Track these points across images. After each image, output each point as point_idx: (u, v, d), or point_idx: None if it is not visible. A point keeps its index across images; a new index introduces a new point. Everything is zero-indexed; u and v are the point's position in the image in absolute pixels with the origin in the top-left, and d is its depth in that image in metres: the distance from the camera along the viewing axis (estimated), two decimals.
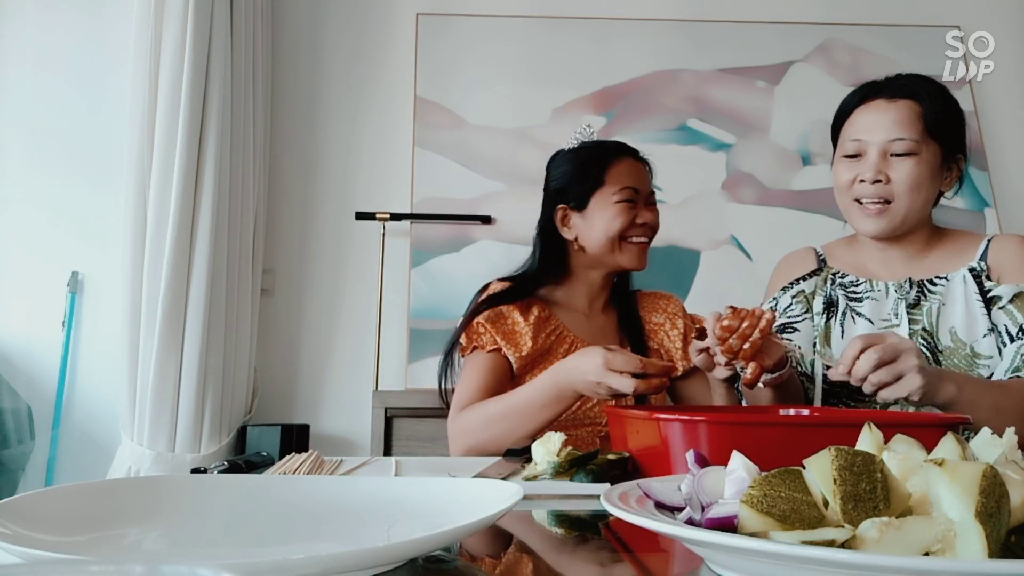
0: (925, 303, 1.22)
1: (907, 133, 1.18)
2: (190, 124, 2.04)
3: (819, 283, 1.33)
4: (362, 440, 2.33)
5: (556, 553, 0.61)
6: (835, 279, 1.32)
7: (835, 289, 1.31)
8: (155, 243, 2.01)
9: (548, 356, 1.37)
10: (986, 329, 1.16)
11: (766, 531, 0.42)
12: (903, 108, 1.20)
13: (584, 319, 1.45)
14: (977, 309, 1.18)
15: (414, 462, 1.07)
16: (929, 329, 1.19)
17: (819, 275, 1.34)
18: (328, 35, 2.57)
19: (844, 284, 1.30)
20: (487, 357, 1.35)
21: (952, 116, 1.22)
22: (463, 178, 2.47)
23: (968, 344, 1.16)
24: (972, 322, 1.17)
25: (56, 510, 0.53)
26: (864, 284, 1.28)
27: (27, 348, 2.28)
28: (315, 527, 0.58)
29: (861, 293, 1.28)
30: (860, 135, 1.22)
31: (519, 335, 1.36)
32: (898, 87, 1.22)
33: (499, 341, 1.35)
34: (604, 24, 2.59)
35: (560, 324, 1.42)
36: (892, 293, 1.25)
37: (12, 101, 2.37)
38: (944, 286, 1.22)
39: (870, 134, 1.21)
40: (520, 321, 1.38)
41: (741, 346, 1.02)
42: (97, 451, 2.18)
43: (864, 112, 1.23)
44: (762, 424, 0.87)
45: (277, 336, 2.42)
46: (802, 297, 1.33)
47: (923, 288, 1.23)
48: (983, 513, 0.38)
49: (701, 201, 2.51)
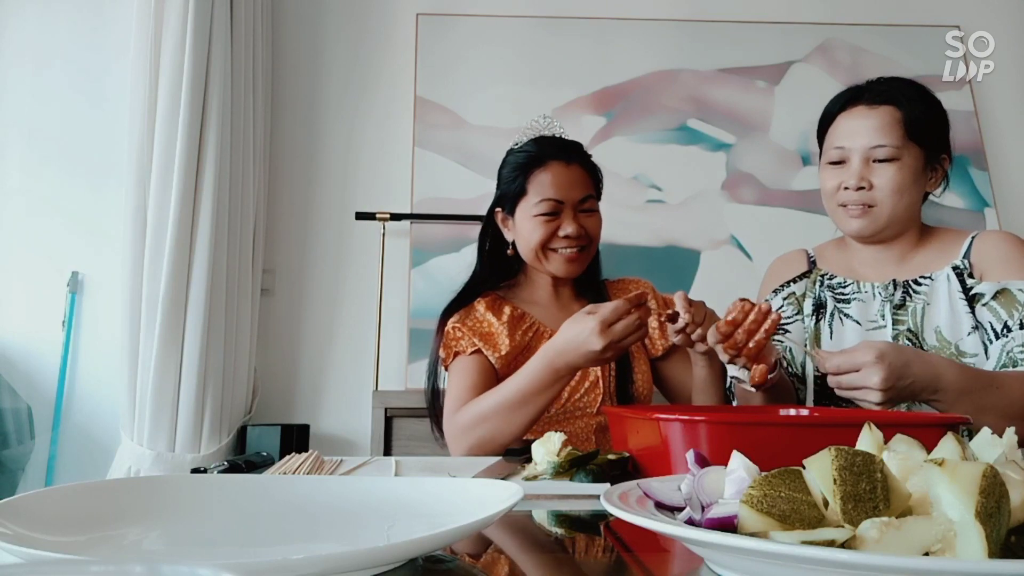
0: (910, 303, 1.22)
1: (887, 139, 1.20)
2: (190, 124, 2.04)
3: (808, 285, 1.34)
4: (362, 440, 2.33)
5: (556, 553, 0.61)
6: (824, 280, 1.33)
7: (824, 291, 1.32)
8: (155, 243, 2.01)
9: (527, 353, 1.34)
10: (970, 327, 1.17)
11: (766, 531, 0.42)
12: (883, 114, 1.22)
13: (556, 312, 1.43)
14: (961, 307, 1.18)
15: (414, 462, 1.07)
16: (914, 330, 1.20)
17: (809, 277, 1.35)
18: (328, 35, 2.57)
19: (832, 286, 1.31)
20: (469, 360, 1.34)
21: (933, 118, 1.24)
22: (463, 178, 2.46)
23: (953, 343, 1.17)
24: (956, 321, 1.18)
25: (56, 510, 0.53)
26: (852, 286, 1.29)
27: (27, 348, 2.28)
28: (315, 527, 0.58)
29: (849, 295, 1.29)
30: (842, 142, 1.24)
31: (495, 335, 1.36)
32: (878, 93, 1.24)
33: (477, 343, 1.34)
34: (604, 24, 2.59)
35: (535, 321, 1.40)
36: (878, 294, 1.25)
37: (12, 101, 2.37)
38: (928, 286, 1.23)
39: (852, 141, 1.23)
40: (494, 322, 1.37)
41: (747, 343, 1.02)
42: (97, 451, 2.18)
43: (846, 118, 1.25)
44: (762, 424, 0.87)
45: (277, 336, 2.42)
46: (793, 299, 1.34)
47: (908, 289, 1.24)
48: (983, 513, 0.38)
49: (701, 201, 2.51)
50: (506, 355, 1.34)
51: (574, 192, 1.36)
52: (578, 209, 1.37)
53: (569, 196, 1.35)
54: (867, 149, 1.21)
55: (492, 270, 1.45)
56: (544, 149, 1.38)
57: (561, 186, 1.35)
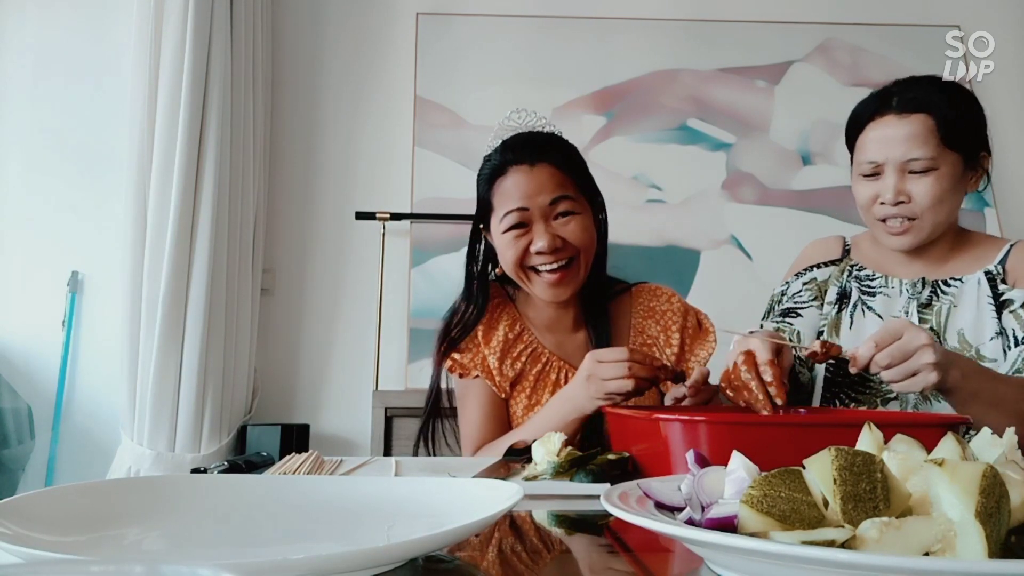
0: (936, 303, 1.21)
1: (922, 151, 1.14)
2: (190, 124, 2.04)
3: (836, 273, 1.32)
4: (362, 440, 2.33)
5: (556, 553, 0.61)
6: (852, 271, 1.31)
7: (850, 281, 1.30)
8: (155, 243, 2.01)
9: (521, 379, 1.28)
10: (994, 332, 1.16)
11: (766, 531, 0.42)
12: (915, 124, 1.15)
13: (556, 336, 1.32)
14: (987, 312, 1.17)
15: (414, 462, 1.07)
16: (936, 330, 1.19)
17: (838, 265, 1.33)
18: (328, 35, 2.57)
19: (860, 277, 1.30)
20: (474, 384, 1.29)
21: (969, 119, 1.18)
22: (463, 178, 2.46)
23: (974, 346, 1.16)
24: (981, 325, 1.16)
25: (56, 510, 0.53)
26: (879, 279, 1.27)
27: (27, 348, 2.28)
28: (315, 527, 0.58)
29: (875, 288, 1.27)
30: (875, 156, 1.18)
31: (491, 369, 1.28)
32: (908, 100, 1.17)
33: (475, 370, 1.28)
34: (604, 24, 2.59)
35: (533, 340, 1.30)
36: (905, 291, 1.24)
37: (12, 100, 2.37)
38: (958, 288, 1.21)
39: (884, 153, 1.17)
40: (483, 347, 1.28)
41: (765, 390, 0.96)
42: (97, 451, 2.18)
43: (876, 129, 1.19)
44: (762, 424, 0.87)
45: (277, 336, 2.42)
46: (813, 285, 1.32)
47: (936, 289, 1.22)
48: (983, 513, 0.38)
49: (701, 201, 2.51)
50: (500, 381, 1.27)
51: (540, 197, 1.19)
52: (550, 217, 1.20)
53: (535, 203, 1.19)
54: (901, 162, 1.16)
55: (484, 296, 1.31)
56: (504, 154, 1.24)
57: (524, 194, 1.19)
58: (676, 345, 1.31)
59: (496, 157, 1.25)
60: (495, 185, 1.23)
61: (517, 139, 1.26)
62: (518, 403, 1.29)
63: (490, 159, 1.27)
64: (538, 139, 1.26)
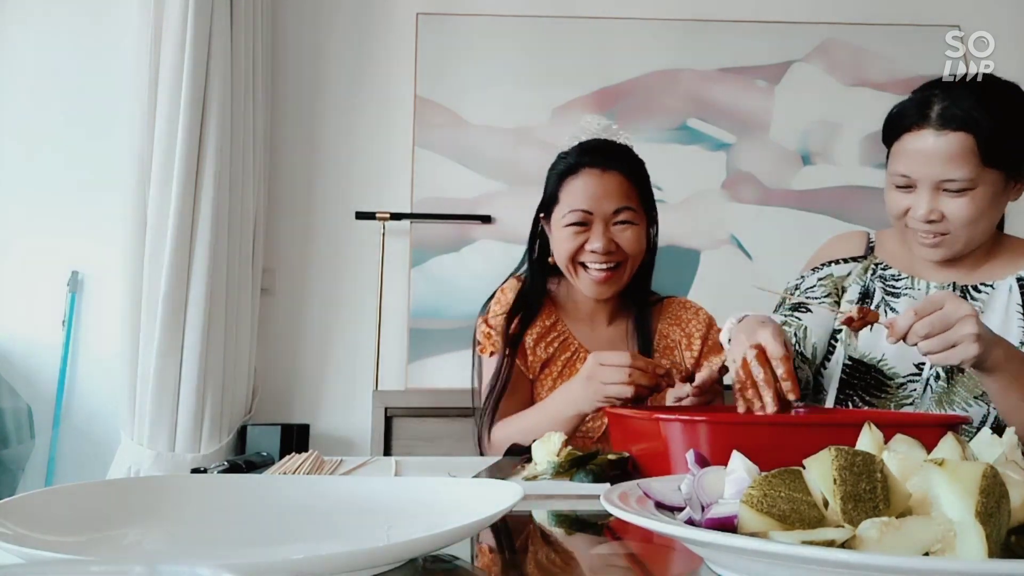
0: None
1: (959, 172, 1.06)
2: (190, 124, 2.04)
3: (859, 271, 1.27)
4: (362, 440, 2.32)
5: (556, 553, 0.61)
6: (876, 269, 1.26)
7: (874, 280, 1.25)
8: (155, 243, 2.01)
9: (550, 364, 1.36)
10: (1019, 341, 1.12)
11: (766, 531, 0.43)
12: (954, 143, 1.06)
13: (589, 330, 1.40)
14: (1015, 320, 1.14)
15: (414, 462, 1.07)
16: None
17: (861, 262, 1.28)
18: (328, 34, 2.56)
19: (884, 276, 1.25)
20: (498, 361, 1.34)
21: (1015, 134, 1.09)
22: (463, 178, 2.46)
23: None
24: (1006, 332, 1.11)
25: (56, 510, 0.53)
26: (905, 280, 1.23)
27: (27, 348, 2.28)
28: (315, 527, 0.58)
29: (900, 289, 1.23)
30: (909, 171, 1.10)
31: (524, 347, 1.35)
32: (949, 116, 1.08)
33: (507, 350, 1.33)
34: (604, 24, 2.59)
35: (565, 330, 1.38)
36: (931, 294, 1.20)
37: (12, 100, 2.37)
38: (988, 294, 1.17)
39: (918, 170, 1.09)
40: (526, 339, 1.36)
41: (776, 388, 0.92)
42: (97, 451, 2.17)
43: (912, 142, 1.10)
44: (762, 424, 0.87)
45: (277, 336, 2.42)
46: (829, 281, 1.27)
47: (966, 294, 1.18)
48: (983, 513, 0.38)
49: (701, 201, 2.51)
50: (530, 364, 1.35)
51: (606, 203, 1.28)
52: (611, 222, 1.29)
53: (599, 207, 1.28)
54: (936, 181, 1.08)
55: (542, 276, 1.40)
56: (580, 156, 1.33)
57: (591, 196, 1.28)
58: (696, 350, 1.38)
59: (572, 156, 1.34)
60: (565, 182, 1.32)
61: (594, 144, 1.36)
62: (543, 385, 1.35)
63: (565, 157, 1.35)
64: (613, 147, 1.36)
